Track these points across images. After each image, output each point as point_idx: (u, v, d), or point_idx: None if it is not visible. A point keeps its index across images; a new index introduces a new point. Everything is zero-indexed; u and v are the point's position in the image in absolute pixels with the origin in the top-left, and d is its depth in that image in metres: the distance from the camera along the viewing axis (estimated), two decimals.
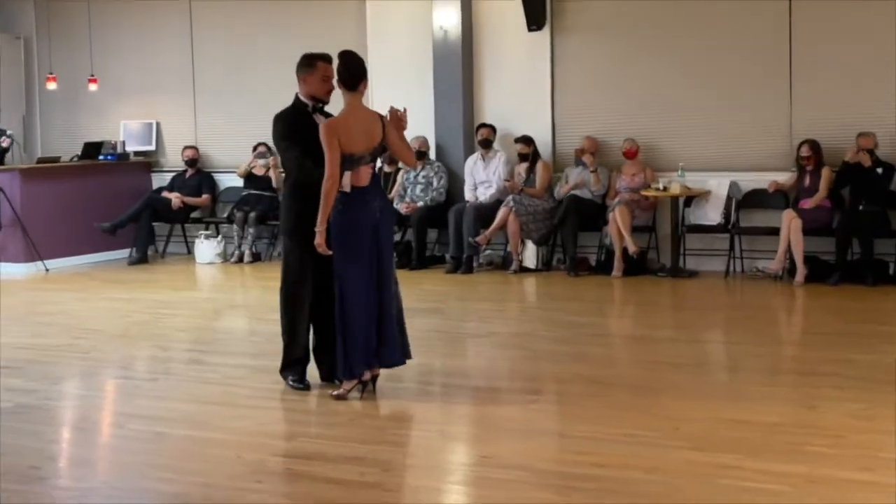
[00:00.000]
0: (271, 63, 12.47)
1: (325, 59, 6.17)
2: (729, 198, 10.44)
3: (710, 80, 10.64)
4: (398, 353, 5.98)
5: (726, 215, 10.41)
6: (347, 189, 5.78)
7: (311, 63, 6.14)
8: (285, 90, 6.73)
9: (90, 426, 5.76)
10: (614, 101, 11.08)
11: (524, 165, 11.14)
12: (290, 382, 6.14)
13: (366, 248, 5.83)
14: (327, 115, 6.14)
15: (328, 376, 6.11)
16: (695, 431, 5.21)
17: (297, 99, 6.17)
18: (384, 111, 6.12)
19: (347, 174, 5.79)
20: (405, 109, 6.09)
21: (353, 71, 5.87)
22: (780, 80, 10.34)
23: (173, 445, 5.26)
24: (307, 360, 6.21)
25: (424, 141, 11.48)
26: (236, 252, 12.23)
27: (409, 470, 4.93)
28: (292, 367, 6.17)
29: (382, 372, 6.06)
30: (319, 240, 5.79)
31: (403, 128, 6.08)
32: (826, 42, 10.18)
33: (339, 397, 5.89)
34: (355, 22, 12.08)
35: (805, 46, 10.24)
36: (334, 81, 6.00)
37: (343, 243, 5.83)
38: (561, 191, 10.95)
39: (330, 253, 5.83)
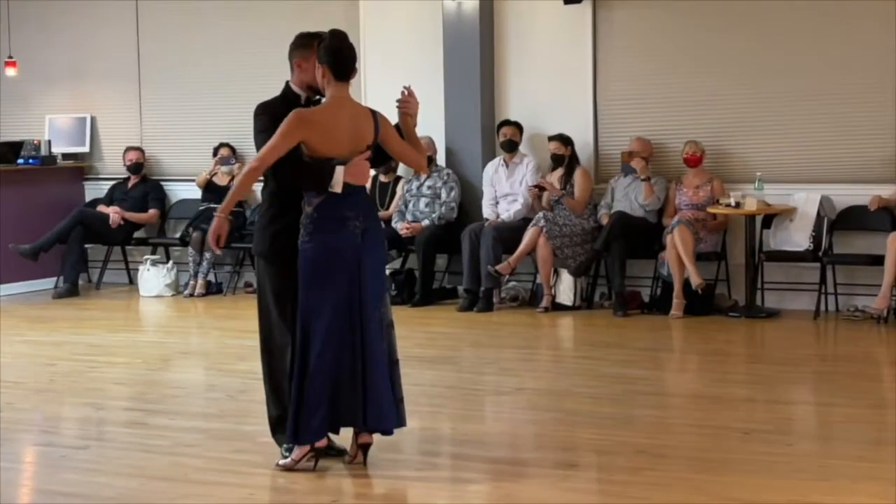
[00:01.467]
0: (237, 45, 12.58)
1: None
2: (819, 217, 10.45)
3: (797, 68, 10.68)
4: (391, 414, 5.95)
5: (816, 239, 10.42)
6: (338, 189, 5.77)
7: (308, 44, 6.09)
8: (257, 79, 6.80)
9: None
10: (673, 94, 11.12)
11: (558, 173, 11.17)
12: (284, 451, 6.06)
13: (341, 282, 5.81)
14: None
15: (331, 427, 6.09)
16: None
17: (287, 88, 6.17)
18: (377, 106, 6.16)
19: (340, 171, 5.76)
20: (409, 88, 6.12)
21: (346, 56, 5.89)
22: (885, 69, 10.37)
23: None
24: None
25: (431, 143, 11.53)
26: (191, 282, 12.28)
27: None
28: (283, 426, 6.08)
29: (376, 439, 6.08)
30: (214, 226, 5.84)
31: (413, 113, 6.08)
32: None
33: (287, 468, 5.91)
34: None
35: None
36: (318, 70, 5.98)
37: (311, 273, 5.83)
38: (601, 217, 10.97)
39: (220, 250, 5.92)
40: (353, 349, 5.82)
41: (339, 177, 5.76)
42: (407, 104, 6.09)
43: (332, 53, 5.86)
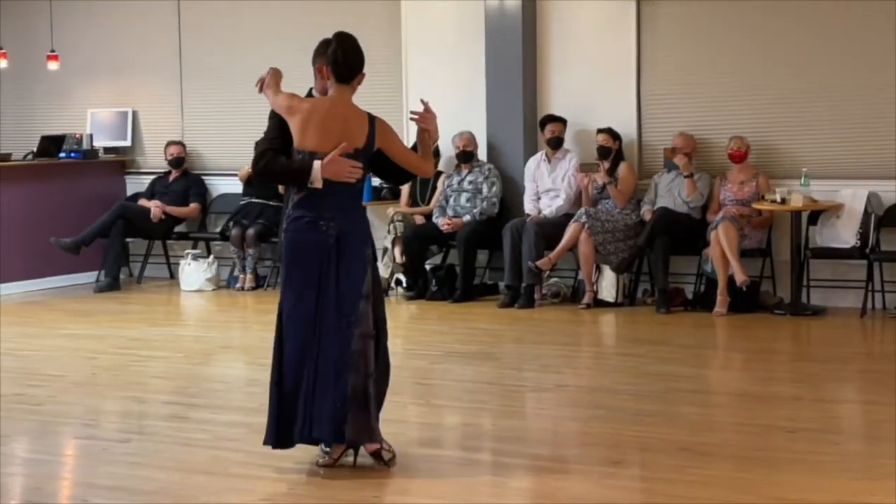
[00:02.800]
0: (279, 40, 12.60)
1: None
2: (867, 213, 10.38)
3: (845, 60, 10.61)
4: (326, 423, 5.82)
5: (863, 236, 10.36)
6: (318, 185, 5.78)
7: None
8: (299, 75, 6.80)
9: (43, 499, 5.79)
10: (717, 89, 11.08)
11: (603, 167, 11.12)
12: (323, 448, 6.07)
13: (308, 281, 5.84)
14: None
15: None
16: None
17: (309, 94, 6.20)
18: (417, 105, 6.17)
19: (317, 165, 5.78)
20: (426, 102, 6.17)
21: (351, 61, 5.93)
22: None
23: None
24: None
25: (472, 138, 11.53)
26: (240, 276, 12.34)
27: None
28: None
29: (415, 437, 6.07)
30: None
31: (432, 128, 6.10)
32: None
33: (327, 466, 5.90)
34: None
35: None
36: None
37: (285, 267, 5.99)
38: (644, 213, 10.95)
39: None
40: (318, 357, 5.84)
41: (317, 172, 5.79)
42: (423, 118, 6.11)
43: (335, 57, 5.91)
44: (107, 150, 13.62)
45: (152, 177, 13.27)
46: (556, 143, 11.32)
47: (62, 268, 12.69)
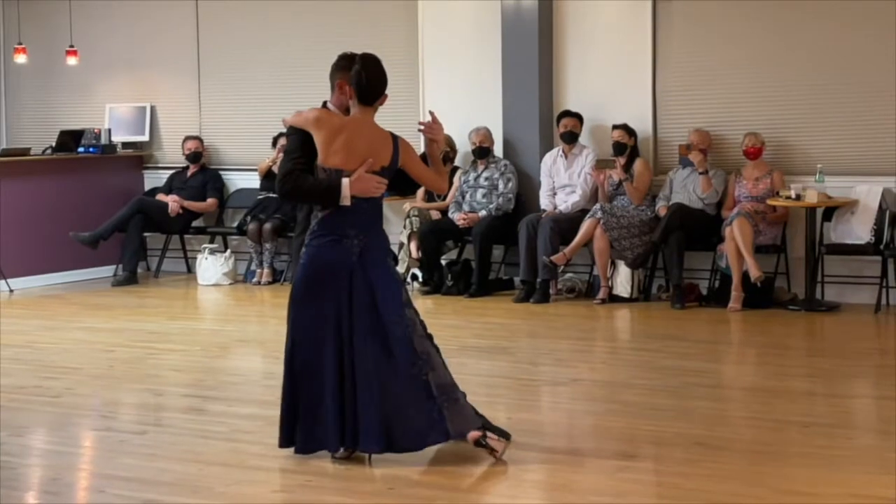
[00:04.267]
0: (296, 36, 12.63)
1: None
2: (882, 210, 10.36)
3: (860, 58, 10.59)
4: (374, 434, 5.85)
5: (878, 232, 10.34)
6: (348, 203, 5.82)
7: (351, 67, 6.03)
8: (315, 71, 6.82)
9: (61, 490, 5.81)
10: (733, 85, 11.07)
11: (620, 161, 11.10)
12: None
13: (328, 296, 5.87)
14: None
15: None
16: None
17: (324, 106, 6.16)
18: (433, 101, 6.22)
19: (346, 183, 5.81)
20: (433, 114, 6.21)
21: (374, 84, 5.94)
22: None
23: None
24: None
25: (487, 134, 11.54)
26: (258, 271, 12.37)
27: None
28: None
29: None
30: None
31: (439, 139, 6.16)
32: None
33: (344, 458, 5.92)
34: None
35: None
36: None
37: (301, 287, 5.97)
38: (659, 209, 10.94)
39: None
40: (335, 368, 5.86)
41: (346, 190, 5.81)
42: (431, 130, 6.13)
43: (358, 79, 5.92)
44: (125, 144, 13.66)
45: (170, 172, 13.30)
46: (569, 138, 11.31)
47: (80, 262, 12.74)
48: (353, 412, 5.85)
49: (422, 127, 6.18)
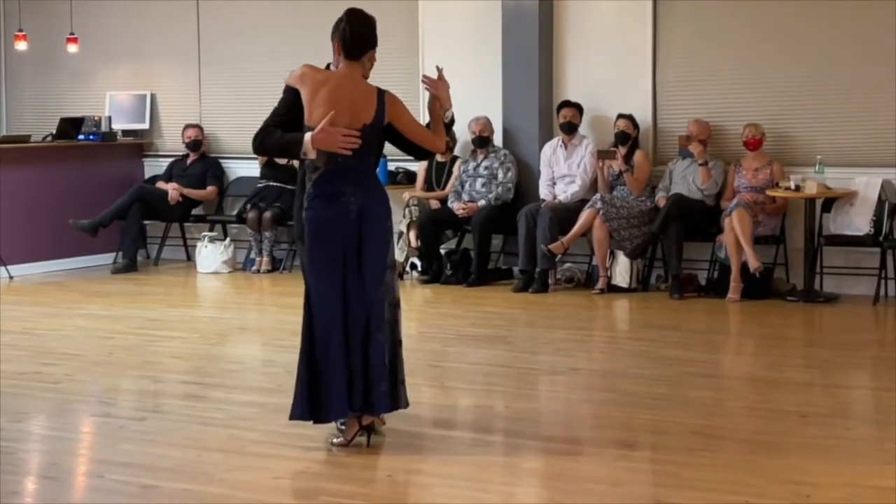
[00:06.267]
0: (296, 24, 12.60)
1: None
2: (881, 201, 10.36)
3: (861, 49, 10.57)
4: (382, 397, 5.88)
5: (877, 224, 10.33)
6: (312, 156, 5.78)
7: None
8: (316, 59, 6.78)
9: (60, 475, 5.83)
10: (733, 76, 11.05)
11: (621, 152, 11.09)
12: (339, 425, 6.09)
13: (333, 258, 5.84)
14: None
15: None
16: (830, 500, 5.17)
17: (327, 69, 6.16)
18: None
19: (307, 136, 5.77)
20: (440, 69, 6.09)
21: (359, 39, 5.89)
22: None
23: (165, 501, 5.31)
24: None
25: (487, 123, 11.53)
26: (257, 259, 12.37)
27: None
28: None
29: (429, 418, 6.08)
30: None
31: (443, 97, 6.02)
32: None
33: (342, 446, 5.92)
34: None
35: None
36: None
37: (309, 248, 5.92)
38: (659, 200, 10.93)
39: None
40: (347, 331, 5.83)
41: (308, 143, 5.76)
42: (434, 84, 6.04)
43: (343, 34, 5.88)
44: (125, 132, 13.65)
45: (170, 159, 13.28)
46: (568, 129, 11.31)
47: (80, 249, 12.73)
48: (360, 374, 5.83)
49: (426, 82, 6.05)
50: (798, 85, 10.80)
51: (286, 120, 5.95)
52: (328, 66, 6.13)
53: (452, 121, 6.22)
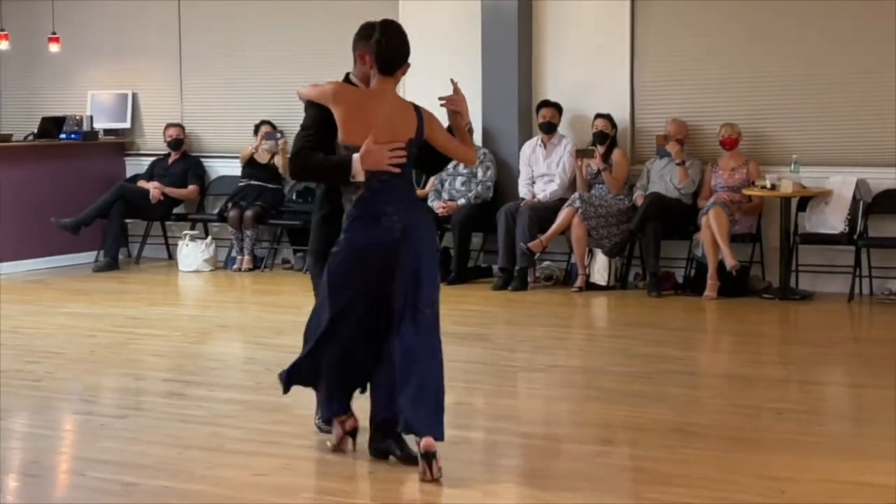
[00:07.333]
0: (277, 24, 12.58)
1: None
2: (855, 200, 10.39)
3: (835, 50, 10.61)
4: (425, 419, 5.57)
5: (851, 222, 10.36)
6: (360, 178, 5.48)
7: (372, 36, 5.64)
8: (296, 58, 6.76)
9: (41, 473, 5.80)
10: (709, 76, 11.07)
11: (599, 151, 11.10)
12: (318, 420, 6.09)
13: (370, 279, 5.55)
14: None
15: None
16: (805, 496, 5.18)
17: (346, 78, 5.83)
18: (412, 90, 6.06)
19: (356, 158, 5.47)
20: (455, 83, 5.88)
21: (395, 53, 5.58)
22: None
23: (146, 499, 5.29)
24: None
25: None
26: (238, 258, 12.36)
27: None
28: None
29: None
30: None
31: (463, 110, 5.79)
32: None
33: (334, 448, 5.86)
34: None
35: None
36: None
37: (335, 272, 5.59)
38: (637, 199, 10.95)
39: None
40: (380, 348, 5.61)
41: (357, 165, 5.47)
42: (453, 101, 5.80)
43: (378, 47, 5.57)
44: (107, 131, 13.60)
45: (152, 158, 13.24)
46: (547, 128, 11.31)
47: (62, 247, 12.69)
48: (388, 394, 5.58)
49: (444, 101, 5.80)
50: (774, 85, 10.82)
51: (317, 135, 5.61)
52: (347, 76, 5.85)
53: (471, 130, 6.06)
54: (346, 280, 5.59)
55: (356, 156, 5.47)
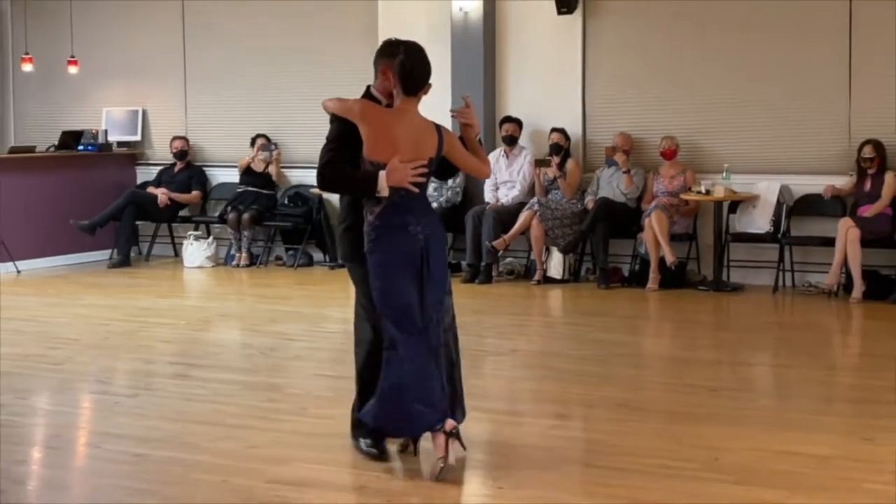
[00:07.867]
0: (273, 46, 12.53)
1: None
2: (779, 203, 10.41)
3: (760, 72, 10.64)
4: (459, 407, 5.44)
5: (776, 223, 10.38)
6: (385, 194, 5.16)
7: (395, 53, 5.32)
8: (288, 74, 6.71)
9: (62, 445, 5.77)
10: (651, 94, 11.08)
11: (555, 160, 11.09)
12: (364, 447, 5.45)
13: (410, 286, 5.22)
14: None
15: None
16: (737, 463, 5.19)
17: (367, 92, 5.47)
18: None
19: (382, 175, 5.15)
20: (467, 98, 5.68)
21: (418, 74, 5.26)
22: (839, 71, 10.33)
23: (154, 468, 5.27)
24: None
25: None
26: (237, 255, 12.29)
27: (416, 501, 4.91)
28: (360, 429, 5.49)
29: None
30: None
31: (474, 123, 5.55)
32: (891, 29, 10.14)
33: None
34: None
35: (867, 33, 10.21)
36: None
37: (382, 280, 5.23)
38: (588, 202, 10.95)
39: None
40: (427, 350, 5.27)
41: (383, 181, 5.20)
42: (464, 114, 5.55)
43: (402, 69, 5.23)
44: (119, 143, 13.52)
45: (159, 167, 13.18)
46: (509, 141, 11.31)
47: (80, 246, 12.61)
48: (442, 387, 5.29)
49: (454, 113, 5.56)
50: (708, 103, 10.85)
51: (342, 148, 5.26)
52: (368, 89, 5.48)
53: (481, 140, 5.88)
54: (388, 286, 5.24)
55: (382, 173, 5.19)
